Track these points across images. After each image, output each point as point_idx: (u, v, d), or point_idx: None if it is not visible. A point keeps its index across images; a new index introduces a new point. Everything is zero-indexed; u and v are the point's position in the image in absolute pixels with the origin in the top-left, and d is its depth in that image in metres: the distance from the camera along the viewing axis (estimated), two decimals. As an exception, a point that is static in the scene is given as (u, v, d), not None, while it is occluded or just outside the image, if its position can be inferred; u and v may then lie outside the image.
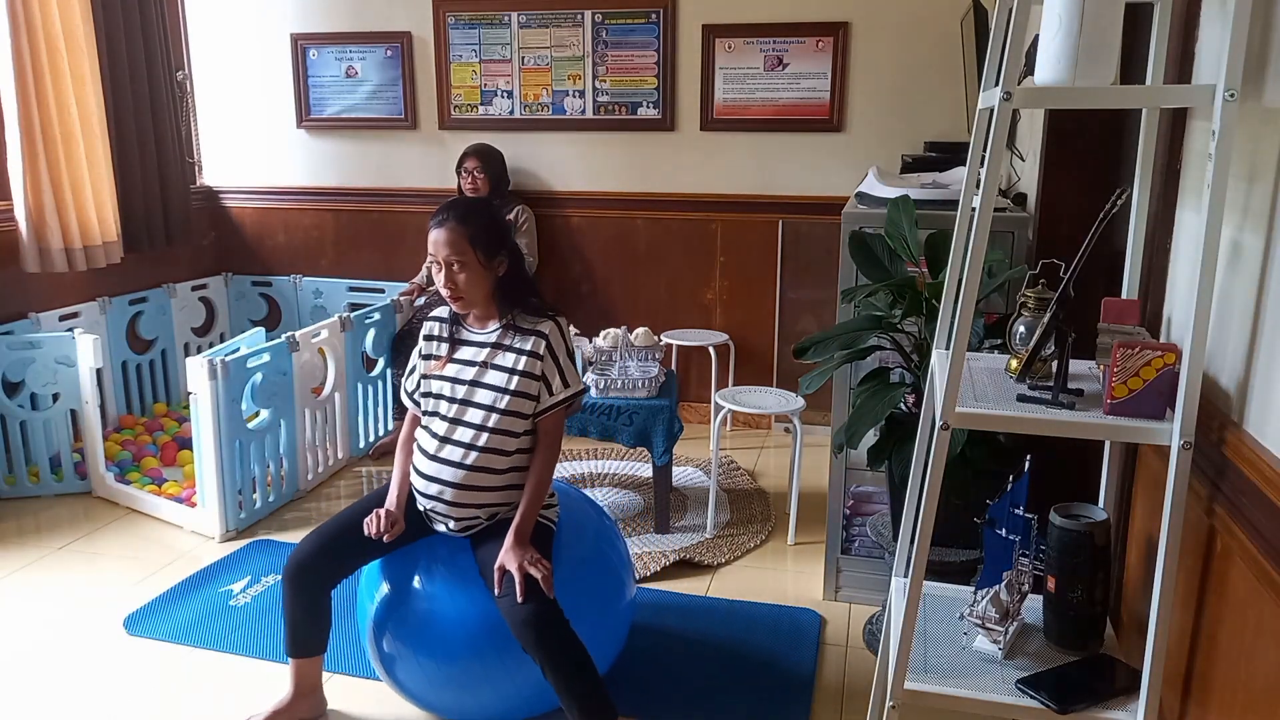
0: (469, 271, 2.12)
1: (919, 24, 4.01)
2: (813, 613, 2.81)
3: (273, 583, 2.98)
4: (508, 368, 2.16)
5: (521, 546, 2.06)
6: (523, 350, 2.17)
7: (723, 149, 4.32)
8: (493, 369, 2.17)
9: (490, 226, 2.16)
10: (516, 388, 2.15)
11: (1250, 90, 1.44)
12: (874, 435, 2.32)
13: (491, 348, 2.19)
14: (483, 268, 2.13)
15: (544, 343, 2.17)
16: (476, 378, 2.18)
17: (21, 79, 3.63)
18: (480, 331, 2.22)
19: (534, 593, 1.98)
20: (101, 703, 2.40)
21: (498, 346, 2.19)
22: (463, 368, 2.20)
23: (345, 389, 3.89)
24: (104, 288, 4.19)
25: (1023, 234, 2.50)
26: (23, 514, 3.49)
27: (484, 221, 2.15)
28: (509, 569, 2.02)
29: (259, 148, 4.84)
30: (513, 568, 2.01)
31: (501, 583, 2.03)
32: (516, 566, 2.01)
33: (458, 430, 2.17)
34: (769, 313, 4.41)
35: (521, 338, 2.18)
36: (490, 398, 2.16)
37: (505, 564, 2.04)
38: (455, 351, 2.22)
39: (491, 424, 2.15)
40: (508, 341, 2.18)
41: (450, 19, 4.46)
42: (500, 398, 2.15)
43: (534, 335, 2.17)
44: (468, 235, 2.11)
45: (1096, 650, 1.74)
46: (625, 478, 3.87)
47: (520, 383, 2.15)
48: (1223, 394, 1.52)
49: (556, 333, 2.19)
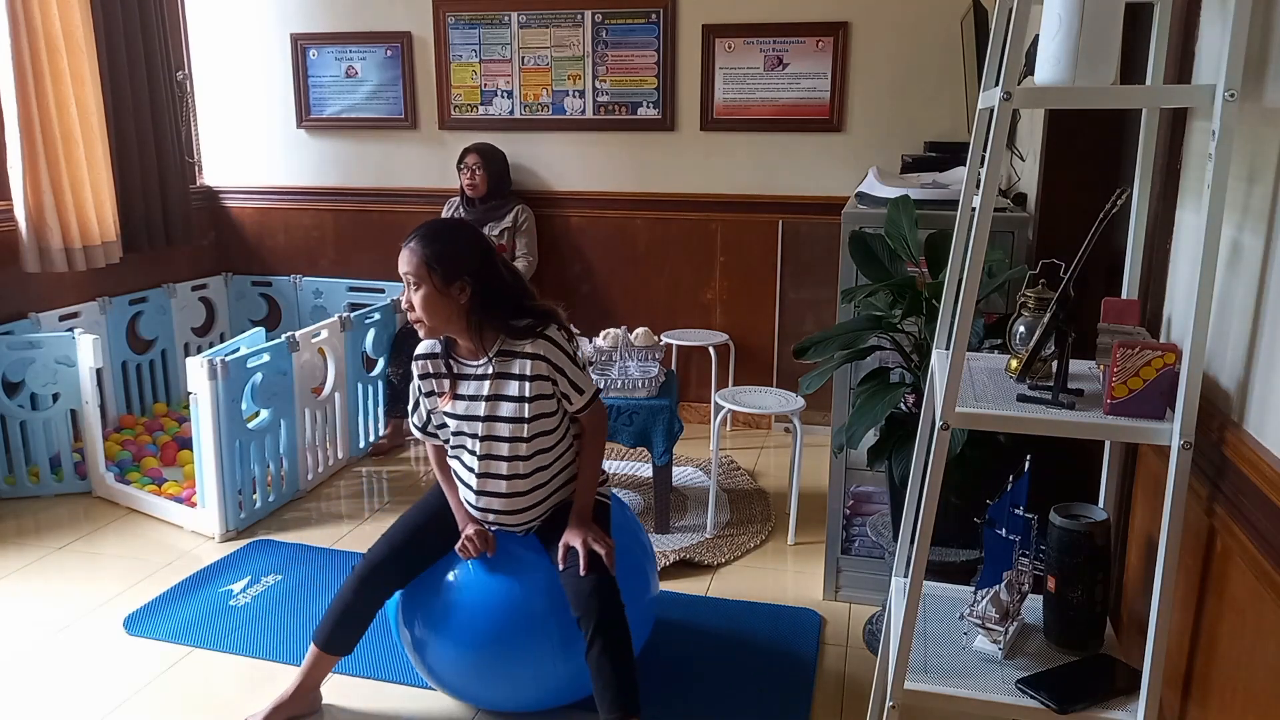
0: (425, 294, 2.06)
1: (919, 24, 4.01)
2: (813, 613, 2.81)
3: (273, 583, 2.98)
4: (515, 396, 2.15)
5: (585, 525, 2.18)
6: (524, 375, 2.14)
7: (723, 149, 4.32)
8: (502, 400, 2.16)
9: (450, 252, 2.06)
10: (532, 413, 2.16)
11: (1250, 90, 1.44)
12: (874, 435, 2.32)
13: (492, 379, 2.15)
14: (439, 293, 2.05)
15: (545, 364, 2.14)
16: (489, 412, 2.16)
17: (21, 79, 3.63)
18: (474, 364, 2.18)
19: (596, 567, 2.09)
20: (101, 703, 2.40)
21: (498, 377, 2.15)
22: (471, 404, 2.18)
23: (345, 389, 3.89)
24: (104, 288, 4.19)
25: (1023, 234, 2.50)
26: (23, 514, 3.49)
27: (443, 246, 2.06)
28: (573, 545, 2.13)
29: (259, 148, 4.84)
30: (577, 544, 2.12)
31: (566, 558, 2.13)
32: (580, 542, 2.12)
33: (491, 463, 2.19)
34: (769, 313, 4.41)
35: (519, 363, 2.14)
36: (510, 429, 2.16)
37: (570, 541, 2.14)
38: (458, 387, 2.19)
39: (523, 451, 2.18)
40: (504, 370, 2.15)
41: (450, 19, 4.46)
42: (521, 426, 2.16)
43: (531, 359, 2.13)
44: (424, 257, 2.05)
45: (1096, 650, 1.74)
46: (625, 478, 3.87)
47: (535, 406, 2.16)
48: (1223, 394, 1.52)
49: (554, 349, 2.14)
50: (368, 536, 3.33)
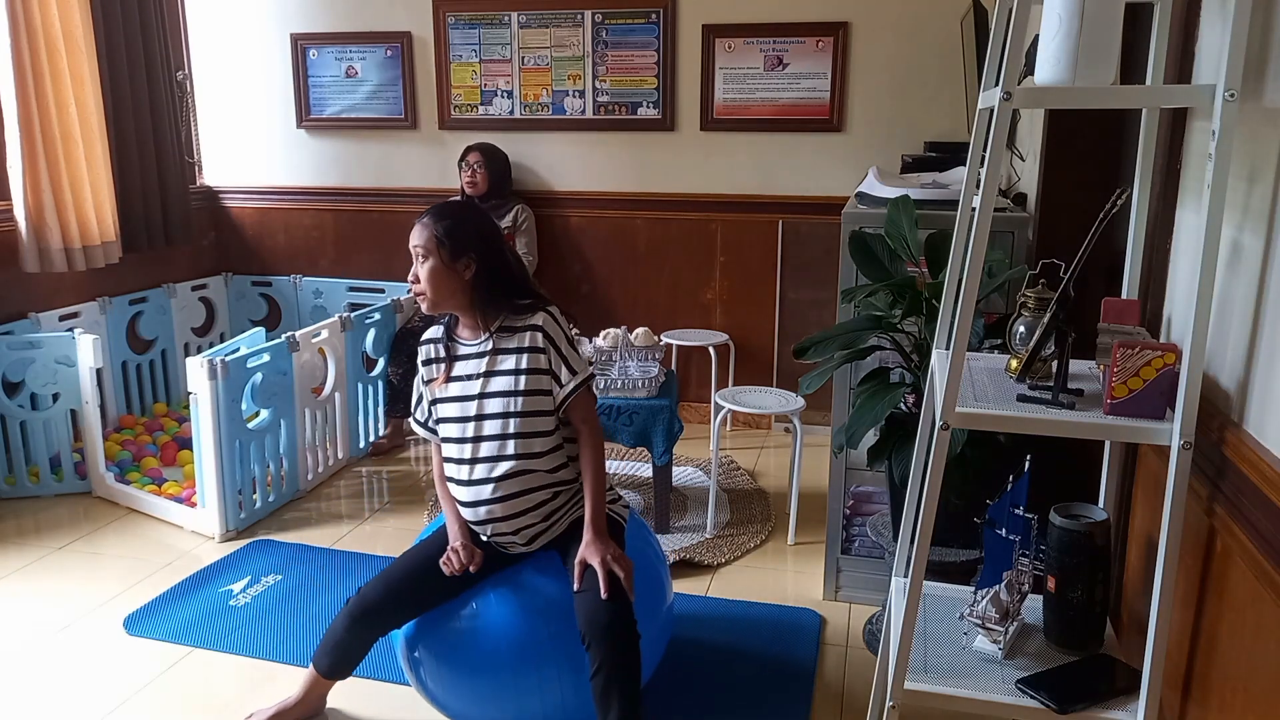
0: (431, 267, 2.10)
1: (919, 24, 4.01)
2: (813, 613, 2.81)
3: (273, 583, 2.98)
4: (510, 369, 2.14)
5: (602, 540, 2.07)
6: (520, 348, 2.14)
7: (723, 149, 4.32)
8: (496, 376, 2.14)
9: (460, 230, 2.12)
10: (526, 387, 2.12)
11: (1250, 90, 1.44)
12: (874, 435, 2.32)
13: (489, 355, 2.16)
14: (445, 267, 2.10)
15: (540, 335, 2.13)
16: (482, 390, 2.15)
17: (21, 79, 3.63)
18: (473, 343, 2.19)
19: (617, 592, 1.99)
20: (101, 703, 2.40)
21: (495, 353, 2.16)
22: (466, 383, 2.17)
23: (345, 389, 3.89)
24: (104, 288, 4.19)
25: (1023, 234, 2.50)
26: (23, 514, 3.49)
27: (453, 223, 2.12)
28: (591, 563, 2.02)
29: (259, 148, 4.84)
30: (595, 563, 2.02)
31: (582, 577, 2.03)
32: (599, 562, 2.01)
33: (481, 446, 2.14)
34: (769, 313, 4.41)
35: (516, 337, 2.15)
36: (502, 404, 2.13)
37: (588, 558, 2.04)
38: (453, 369, 2.19)
39: (512, 430, 2.12)
40: (502, 345, 2.15)
41: (450, 19, 4.46)
42: (513, 400, 2.12)
43: (529, 331, 2.14)
44: (434, 231, 2.10)
45: (1096, 650, 1.74)
46: (625, 478, 3.87)
47: (529, 380, 2.12)
48: (1223, 394, 1.52)
49: (551, 322, 2.15)
50: (367, 536, 3.34)
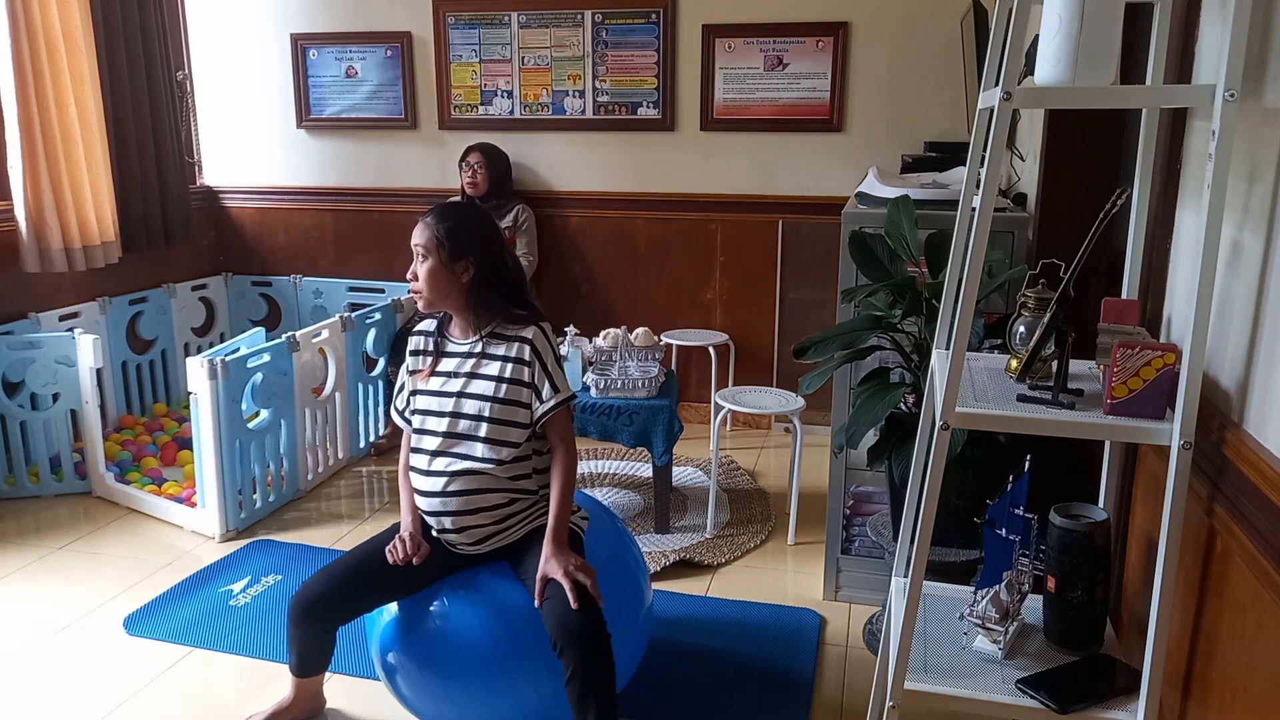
0: (430, 267, 2.11)
1: (919, 24, 4.01)
2: (813, 613, 2.81)
3: (273, 583, 2.98)
4: (494, 376, 2.14)
5: (562, 553, 2.03)
6: (507, 357, 2.14)
7: (723, 149, 4.32)
8: (478, 379, 2.14)
9: (461, 232, 2.12)
10: (505, 395, 2.12)
11: (1250, 90, 1.44)
12: (874, 435, 2.32)
13: (476, 358, 2.16)
14: (443, 267, 2.11)
15: (529, 348, 2.14)
16: (462, 389, 2.15)
17: (21, 79, 3.62)
18: (462, 343, 2.19)
19: (586, 601, 1.96)
20: (101, 703, 2.40)
21: (482, 356, 2.16)
22: (448, 379, 2.17)
23: (345, 389, 3.89)
24: (104, 288, 4.19)
25: (1023, 234, 2.50)
26: (23, 514, 3.49)
27: (456, 225, 2.12)
28: (554, 578, 2.00)
29: (259, 148, 4.84)
30: (559, 576, 1.99)
31: (544, 591, 2.01)
32: (563, 574, 1.99)
33: (449, 442, 2.14)
34: (769, 313, 4.41)
35: (505, 345, 2.15)
36: (477, 407, 2.13)
37: (549, 573, 2.01)
38: (439, 363, 2.20)
39: (483, 433, 2.11)
40: (490, 350, 2.16)
41: (450, 19, 4.46)
42: (488, 406, 2.12)
43: (518, 341, 2.14)
44: (436, 231, 2.11)
45: (1096, 650, 1.74)
46: (625, 478, 3.87)
47: (509, 390, 2.13)
48: (1223, 394, 1.52)
49: (541, 337, 2.15)
50: (367, 536, 3.31)
